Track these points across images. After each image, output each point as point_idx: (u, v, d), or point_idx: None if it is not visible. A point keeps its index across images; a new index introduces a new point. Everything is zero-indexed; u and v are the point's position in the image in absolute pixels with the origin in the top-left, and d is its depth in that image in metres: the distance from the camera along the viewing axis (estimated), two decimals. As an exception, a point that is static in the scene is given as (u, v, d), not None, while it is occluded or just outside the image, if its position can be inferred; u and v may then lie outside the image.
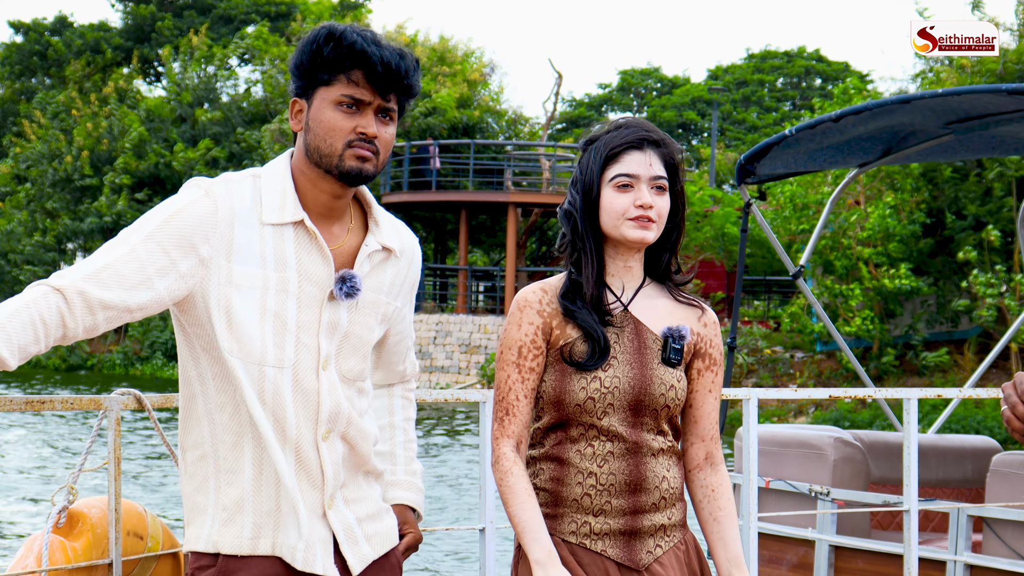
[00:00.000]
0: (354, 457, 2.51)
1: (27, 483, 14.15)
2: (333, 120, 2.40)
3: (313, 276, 2.43)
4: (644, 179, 2.62)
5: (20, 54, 43.77)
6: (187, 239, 2.36)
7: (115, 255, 2.32)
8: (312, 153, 2.43)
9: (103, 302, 2.28)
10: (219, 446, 2.43)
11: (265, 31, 39.42)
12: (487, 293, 33.37)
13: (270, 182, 2.45)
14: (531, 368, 2.64)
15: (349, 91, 2.38)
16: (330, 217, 2.48)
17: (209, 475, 2.45)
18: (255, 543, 2.42)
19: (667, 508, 2.66)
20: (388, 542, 2.58)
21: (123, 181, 37.91)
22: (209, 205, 2.38)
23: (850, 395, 4.28)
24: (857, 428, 20.82)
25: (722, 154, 41.21)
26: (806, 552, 6.11)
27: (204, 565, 2.44)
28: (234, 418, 2.42)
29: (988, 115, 5.96)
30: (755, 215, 6.95)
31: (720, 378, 2.76)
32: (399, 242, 2.58)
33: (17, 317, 2.21)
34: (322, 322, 2.43)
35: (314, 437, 2.43)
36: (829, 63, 54.57)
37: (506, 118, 38.03)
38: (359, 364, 2.51)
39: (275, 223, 2.41)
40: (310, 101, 2.42)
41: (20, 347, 2.20)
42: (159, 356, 34.87)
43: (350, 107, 2.39)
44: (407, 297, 2.65)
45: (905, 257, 22.73)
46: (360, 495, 2.54)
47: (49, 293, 2.26)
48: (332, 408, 2.44)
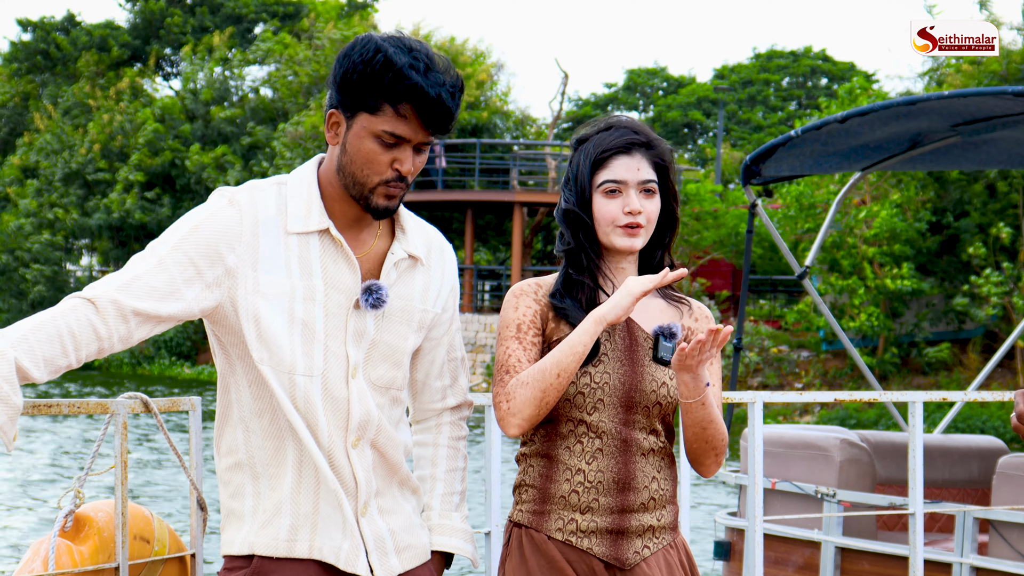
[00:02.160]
0: (385, 465, 2.49)
1: (34, 486, 14.18)
2: (372, 152, 2.35)
3: (339, 284, 2.41)
4: (632, 184, 2.62)
5: (27, 52, 43.83)
6: (213, 249, 2.35)
7: (144, 267, 2.33)
8: (344, 176, 2.39)
9: (135, 310, 2.28)
10: (255, 452, 2.43)
11: (287, 36, 39.40)
12: (493, 292, 33.39)
13: (296, 190, 2.43)
14: (532, 342, 2.62)
15: (392, 127, 2.32)
16: (357, 225, 2.46)
17: (245, 481, 2.45)
18: (291, 545, 2.41)
19: (656, 509, 2.64)
20: (419, 557, 2.55)
21: (137, 178, 37.89)
22: (234, 214, 2.38)
23: (855, 399, 4.28)
24: (863, 426, 20.83)
25: (728, 154, 41.17)
26: (812, 553, 6.11)
27: (237, 567, 2.44)
28: (274, 423, 2.42)
29: (994, 117, 5.96)
30: (761, 216, 6.95)
31: (716, 368, 2.71)
32: (426, 248, 2.55)
33: (43, 329, 2.21)
34: (348, 330, 2.42)
35: (344, 445, 2.42)
36: (835, 63, 54.49)
37: (513, 118, 38.04)
38: (389, 372, 2.48)
39: (300, 232, 2.40)
40: (350, 122, 2.36)
41: (46, 360, 2.20)
42: (166, 355, 34.91)
43: (391, 144, 2.34)
44: (447, 303, 2.59)
45: (911, 256, 22.72)
46: (395, 506, 2.52)
47: (79, 305, 2.26)
48: (362, 416, 2.43)
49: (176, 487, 13.72)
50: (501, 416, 2.57)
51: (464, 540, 2.65)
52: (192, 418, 3.11)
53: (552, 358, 2.53)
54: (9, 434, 2.16)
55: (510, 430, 2.59)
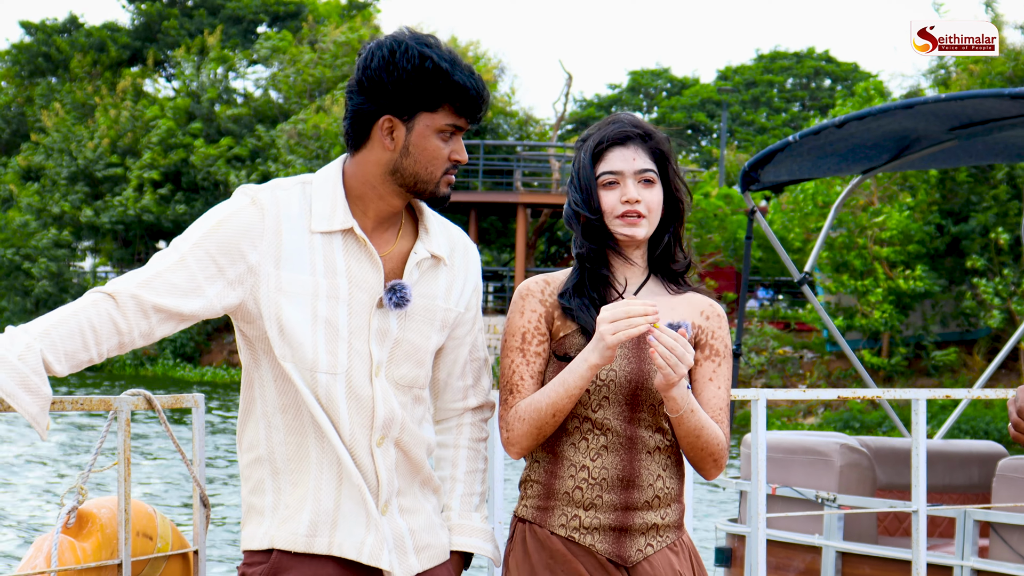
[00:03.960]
0: (408, 463, 2.51)
1: (38, 482, 14.20)
2: (437, 148, 2.44)
3: (363, 283, 2.44)
4: (628, 174, 2.63)
5: (29, 54, 43.85)
6: (235, 246, 2.37)
7: (166, 264, 2.35)
8: (406, 176, 2.45)
9: (156, 306, 2.31)
10: (276, 447, 2.45)
11: (289, 35, 39.41)
12: (496, 294, 33.37)
13: (321, 189, 2.46)
14: (536, 352, 2.64)
15: (453, 120, 2.45)
16: (381, 224, 2.49)
17: (264, 477, 2.47)
18: (310, 541, 2.42)
19: (661, 508, 2.63)
20: (438, 557, 2.56)
21: (153, 176, 37.85)
22: (255, 212, 2.40)
23: (858, 396, 4.25)
24: (868, 428, 20.82)
25: (732, 155, 41.16)
26: (813, 559, 6.11)
27: (256, 562, 2.45)
28: (297, 419, 2.43)
29: (991, 120, 5.95)
30: (760, 222, 6.95)
31: (725, 370, 2.71)
32: (450, 248, 2.58)
33: (65, 324, 2.24)
34: (372, 329, 2.44)
35: (368, 443, 2.43)
36: (838, 64, 54.47)
37: (517, 119, 38.05)
38: (412, 371, 2.50)
39: (324, 231, 2.43)
40: (410, 124, 2.43)
41: (67, 353, 2.23)
42: (169, 356, 34.91)
43: (451, 135, 2.47)
44: (471, 302, 2.62)
45: (924, 256, 22.75)
46: (416, 506, 2.54)
47: (100, 300, 2.28)
48: (387, 415, 2.44)
49: (180, 483, 13.73)
50: (503, 440, 2.64)
51: (484, 540, 2.65)
52: (195, 415, 3.12)
53: (548, 399, 2.55)
54: (42, 423, 2.20)
55: (510, 454, 2.66)
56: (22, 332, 2.21)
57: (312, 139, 33.92)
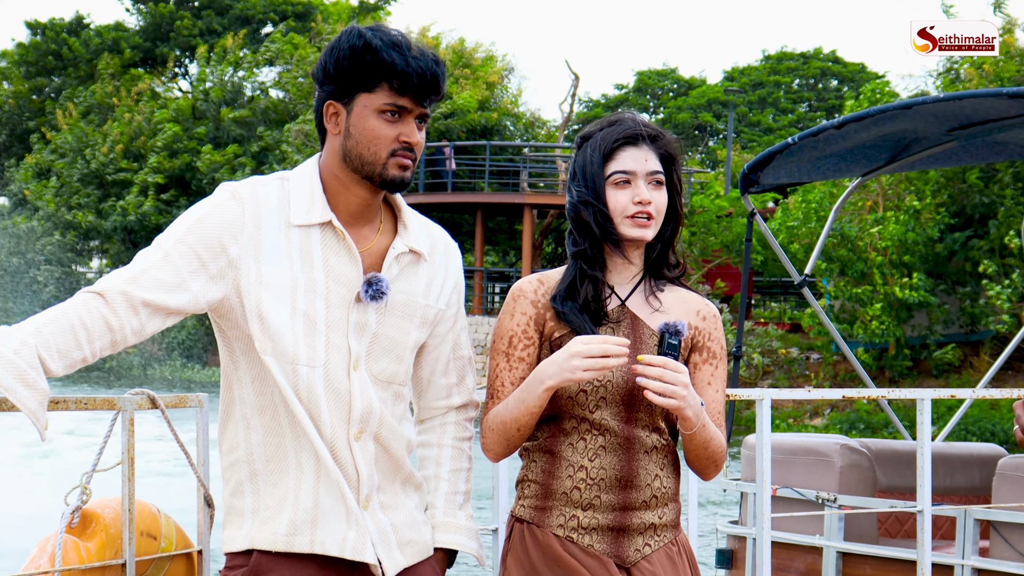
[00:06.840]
0: (388, 459, 2.52)
1: (42, 482, 14.21)
2: (377, 128, 2.41)
3: (341, 277, 2.45)
4: (641, 175, 2.62)
5: (37, 54, 43.90)
6: (216, 241, 2.39)
7: (151, 260, 2.37)
8: (352, 160, 2.44)
9: (145, 301, 2.32)
10: (255, 449, 2.46)
11: (296, 36, 39.41)
12: (502, 294, 33.35)
13: (299, 184, 2.48)
14: (520, 358, 2.64)
15: (392, 100, 2.40)
16: (360, 219, 2.50)
17: (243, 479, 2.48)
18: (291, 540, 2.43)
19: (658, 507, 2.64)
20: (421, 553, 2.57)
21: (157, 180, 37.88)
22: (236, 207, 2.42)
23: (864, 396, 4.25)
24: (873, 429, 20.78)
25: (738, 156, 41.09)
26: (814, 559, 6.11)
27: (237, 564, 2.46)
28: (275, 420, 2.44)
29: (990, 120, 5.94)
30: (760, 225, 6.96)
31: (721, 372, 2.71)
32: (429, 244, 2.58)
33: (56, 322, 2.25)
34: (350, 323, 2.45)
35: (347, 437, 2.44)
36: (845, 64, 54.35)
37: (523, 120, 38.02)
38: (392, 366, 2.51)
39: (302, 224, 2.44)
40: (349, 106, 2.43)
41: (60, 351, 2.23)
42: (176, 357, 34.95)
43: (393, 115, 2.41)
44: (452, 300, 2.62)
45: (922, 262, 22.65)
46: (397, 502, 2.54)
47: (89, 299, 2.30)
48: (364, 408, 2.45)
49: (184, 483, 13.74)
50: (480, 443, 2.68)
51: (468, 537, 2.65)
52: (199, 415, 3.13)
53: (511, 414, 2.58)
54: (41, 420, 2.20)
55: (488, 458, 2.70)
56: (15, 330, 2.22)
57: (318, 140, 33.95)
